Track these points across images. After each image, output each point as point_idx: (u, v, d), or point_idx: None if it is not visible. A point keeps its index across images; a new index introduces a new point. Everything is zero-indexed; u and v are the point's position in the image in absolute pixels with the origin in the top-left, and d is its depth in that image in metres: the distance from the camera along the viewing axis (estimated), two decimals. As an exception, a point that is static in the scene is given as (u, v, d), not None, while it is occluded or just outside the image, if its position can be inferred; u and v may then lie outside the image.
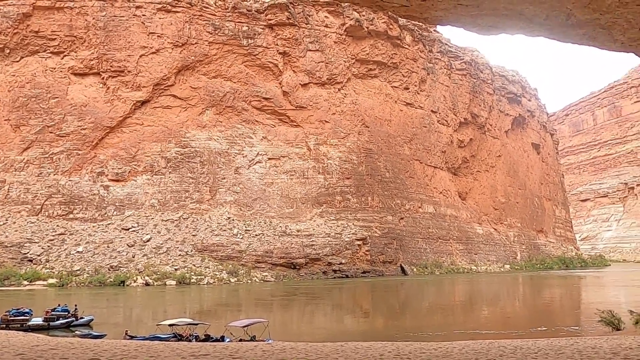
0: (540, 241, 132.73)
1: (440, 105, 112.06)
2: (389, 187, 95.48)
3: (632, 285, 57.59)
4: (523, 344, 14.06)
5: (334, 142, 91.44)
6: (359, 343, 15.42)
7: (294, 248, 76.48)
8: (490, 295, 54.36)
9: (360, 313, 41.10)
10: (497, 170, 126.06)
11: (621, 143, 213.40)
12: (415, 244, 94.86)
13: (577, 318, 27.57)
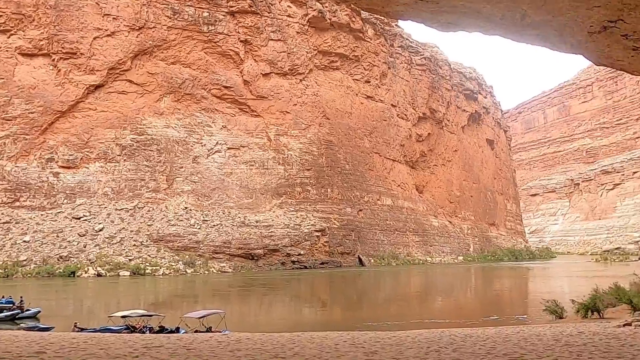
0: (492, 234, 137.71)
1: (400, 99, 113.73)
2: (348, 179, 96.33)
3: (575, 276, 60.72)
4: (473, 332, 14.60)
5: (295, 133, 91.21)
6: (315, 333, 15.56)
7: (253, 239, 76.05)
8: (444, 286, 56.03)
9: (318, 304, 41.48)
10: (453, 165, 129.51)
11: (569, 141, 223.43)
12: (373, 235, 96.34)
13: (525, 307, 28.85)
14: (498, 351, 10.77)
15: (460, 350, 11.01)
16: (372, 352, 10.89)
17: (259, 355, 10.66)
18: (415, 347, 11.53)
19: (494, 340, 12.26)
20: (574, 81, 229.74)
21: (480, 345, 11.70)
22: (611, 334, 12.74)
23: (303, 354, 10.71)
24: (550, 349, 10.82)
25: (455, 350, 11.03)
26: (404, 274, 73.73)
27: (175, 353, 10.68)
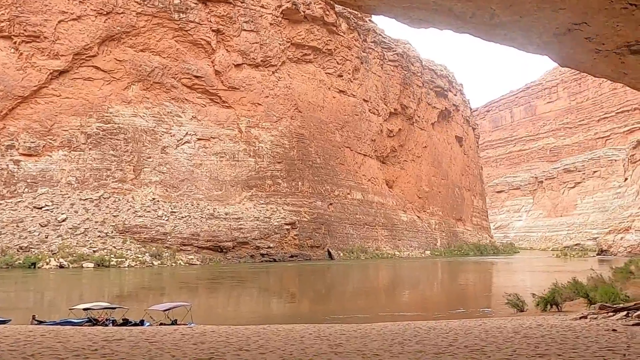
0: (458, 229, 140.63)
1: (372, 94, 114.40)
2: (319, 173, 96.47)
3: (536, 271, 62.67)
4: (437, 325, 14.92)
5: (266, 125, 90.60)
6: (281, 326, 15.56)
7: (222, 231, 75.36)
8: (411, 280, 56.90)
9: (287, 296, 41.44)
10: (422, 161, 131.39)
11: (534, 140, 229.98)
12: (343, 229, 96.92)
13: (489, 300, 29.55)
14: (460, 343, 11.01)
15: (423, 343, 11.22)
16: (337, 345, 10.97)
17: (223, 348, 10.57)
18: (379, 339, 11.68)
19: (456, 333, 12.55)
20: (540, 82, 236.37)
21: (443, 337, 11.95)
22: (568, 327, 13.20)
23: (267, 347, 10.70)
24: (509, 341, 11.14)
25: (419, 343, 11.22)
26: (373, 268, 74.52)
27: (137, 346, 10.49)
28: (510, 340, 11.28)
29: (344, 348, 10.63)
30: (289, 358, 9.61)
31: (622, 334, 11.42)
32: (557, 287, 23.07)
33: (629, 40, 10.50)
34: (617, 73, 13.19)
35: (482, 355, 9.61)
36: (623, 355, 9.21)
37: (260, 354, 10.04)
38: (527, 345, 10.59)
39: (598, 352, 9.59)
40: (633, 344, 10.23)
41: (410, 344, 11.16)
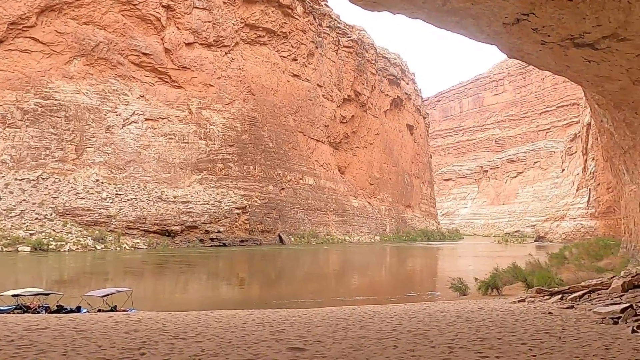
0: (407, 215, 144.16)
1: (326, 80, 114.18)
2: (271, 157, 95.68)
3: (479, 256, 65.22)
4: (382, 309, 15.10)
5: (218, 107, 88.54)
6: (224, 311, 15.23)
7: (170, 215, 73.40)
8: (362, 264, 57.71)
9: (236, 281, 40.92)
10: (374, 148, 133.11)
11: (481, 130, 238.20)
12: (295, 214, 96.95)
13: (436, 284, 30.32)
14: (403, 328, 11.12)
15: (367, 328, 11.25)
16: (279, 331, 10.82)
17: (157, 337, 10.16)
18: (324, 324, 11.66)
19: (401, 317, 12.73)
20: (488, 74, 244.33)
21: (387, 322, 12.05)
22: (507, 310, 13.70)
23: (205, 334, 10.39)
24: (452, 325, 11.38)
25: (363, 328, 11.24)
26: (324, 253, 75.07)
27: (61, 335, 9.82)
28: (453, 324, 11.51)
29: (286, 334, 10.49)
30: (226, 346, 9.32)
31: (557, 317, 11.93)
32: (497, 271, 24.05)
33: (573, 33, 10.82)
34: (560, 66, 13.64)
35: (424, 340, 9.72)
36: (558, 337, 9.55)
37: (196, 342, 9.70)
38: (469, 329, 10.81)
39: (535, 335, 9.90)
40: (567, 326, 10.66)
41: (355, 329, 11.14)
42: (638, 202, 27.23)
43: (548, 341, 9.32)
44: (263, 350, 8.97)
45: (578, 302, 13.38)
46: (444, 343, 9.42)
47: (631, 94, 14.22)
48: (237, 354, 8.68)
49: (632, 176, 26.63)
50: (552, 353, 8.35)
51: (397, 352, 8.75)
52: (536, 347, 8.92)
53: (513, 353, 8.45)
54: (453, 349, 8.88)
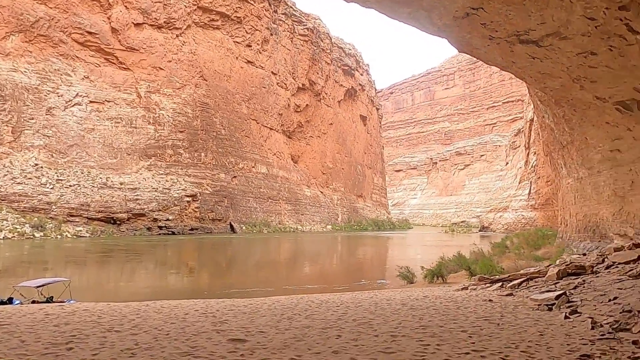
0: (359, 205, 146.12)
1: (280, 67, 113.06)
2: (223, 145, 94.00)
3: (427, 245, 67.08)
4: (330, 298, 15.15)
5: (168, 91, 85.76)
6: (167, 302, 14.76)
7: (116, 202, 70.74)
8: (313, 253, 58.03)
9: (185, 270, 40.02)
10: (328, 137, 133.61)
11: (431, 123, 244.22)
12: (246, 202, 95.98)
13: (385, 273, 30.85)
14: (348, 317, 11.18)
15: (312, 317, 11.24)
16: (222, 322, 10.60)
17: (90, 330, 9.66)
18: (269, 314, 11.56)
19: (347, 306, 12.82)
20: (439, 69, 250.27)
21: (333, 311, 12.11)
22: (450, 298, 14.08)
23: (143, 326, 10.00)
24: (396, 313, 11.58)
25: (308, 317, 11.21)
26: (275, 242, 74.85)
27: None
28: (397, 312, 11.70)
29: (229, 325, 10.29)
30: (163, 338, 8.98)
31: (497, 304, 12.40)
32: (443, 260, 24.81)
33: (519, 30, 11.14)
34: (507, 61, 14.05)
35: (368, 329, 9.82)
36: (497, 324, 9.91)
37: (131, 334, 9.29)
38: (413, 317, 11.02)
39: (476, 322, 10.24)
40: (505, 313, 11.12)
41: (300, 318, 11.09)
42: (573, 194, 28.81)
43: (487, 328, 9.64)
44: (202, 342, 8.75)
45: (517, 290, 14.00)
46: (387, 332, 9.53)
47: (570, 91, 14.88)
48: (174, 346, 8.39)
49: (569, 170, 28.11)
50: (490, 340, 8.61)
51: (340, 341, 8.76)
52: (476, 334, 9.19)
53: (454, 340, 8.66)
54: (396, 337, 9.00)
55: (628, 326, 8.01)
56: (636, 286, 10.48)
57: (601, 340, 7.87)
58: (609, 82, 12.53)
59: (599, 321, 8.83)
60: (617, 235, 23.40)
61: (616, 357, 6.88)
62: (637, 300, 9.28)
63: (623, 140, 18.90)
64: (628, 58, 10.35)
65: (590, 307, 10.02)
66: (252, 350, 8.15)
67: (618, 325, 8.11)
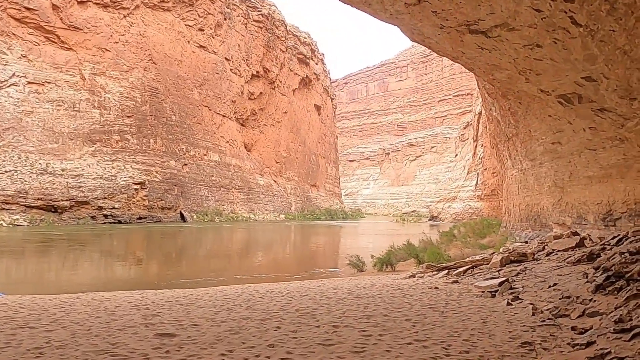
0: (312, 194, 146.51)
1: (234, 53, 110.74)
2: (174, 131, 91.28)
3: (379, 234, 68.12)
4: (276, 287, 14.87)
5: (115, 74, 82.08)
6: (99, 294, 13.99)
7: (57, 189, 67.25)
8: (267, 242, 57.58)
9: (133, 260, 38.57)
10: (282, 126, 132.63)
11: (384, 114, 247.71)
12: (198, 191, 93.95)
13: (337, 261, 30.94)
14: (292, 307, 10.94)
15: (254, 308, 10.92)
16: (154, 314, 10.06)
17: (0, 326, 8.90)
18: (207, 305, 11.13)
19: (292, 295, 12.58)
20: (393, 61, 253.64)
21: (277, 300, 11.85)
22: (397, 286, 14.10)
23: (63, 321, 9.26)
24: (342, 302, 11.44)
25: (249, 308, 10.87)
26: (228, 230, 73.77)
27: None
28: (343, 301, 11.56)
29: (161, 319, 9.71)
30: (82, 334, 8.30)
31: (442, 292, 12.53)
32: (392, 248, 25.13)
33: (469, 19, 11.18)
34: (457, 52, 14.16)
35: (311, 319, 9.63)
36: (441, 312, 9.97)
37: (46, 331, 8.54)
38: (357, 306, 10.91)
39: (420, 310, 10.26)
40: (450, 300, 11.23)
41: (240, 309, 10.69)
42: (517, 185, 29.92)
43: (431, 316, 9.65)
44: (125, 337, 8.11)
45: (462, 277, 14.32)
46: (329, 322, 9.35)
47: (516, 83, 15.23)
48: (91, 343, 7.67)
49: (514, 162, 29.12)
50: (433, 329, 8.61)
51: (279, 333, 8.49)
52: (420, 322, 9.18)
53: (397, 330, 8.58)
54: (338, 327, 8.84)
55: (567, 312, 8.22)
56: (574, 272, 10.82)
57: (541, 326, 7.99)
58: (553, 76, 12.87)
59: (539, 307, 9.03)
60: (556, 224, 24.51)
61: (556, 343, 6.98)
62: (575, 286, 9.53)
63: (564, 133, 19.68)
64: (570, 51, 10.61)
65: (531, 294, 10.27)
66: (180, 346, 7.62)
67: (557, 312, 8.31)
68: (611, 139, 16.71)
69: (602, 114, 14.49)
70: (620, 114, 13.79)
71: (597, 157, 18.95)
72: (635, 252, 8.96)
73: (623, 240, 11.84)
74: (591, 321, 7.54)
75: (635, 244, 9.41)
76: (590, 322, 7.48)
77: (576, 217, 22.43)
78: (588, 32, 9.21)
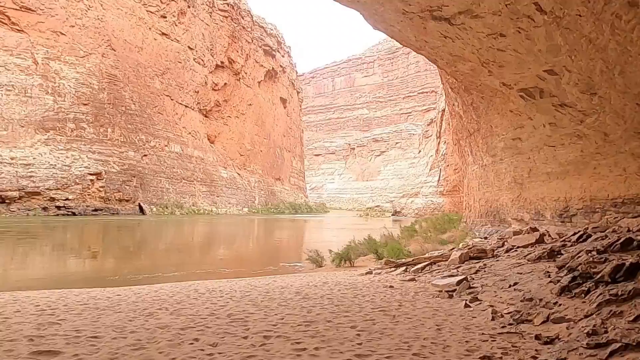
0: (277, 188, 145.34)
1: (198, 43, 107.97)
2: (133, 121, 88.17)
3: (343, 228, 67.87)
4: (221, 285, 13.76)
5: (71, 59, 78.40)
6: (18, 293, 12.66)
7: (5, 178, 63.73)
8: (229, 236, 56.40)
9: (88, 254, 36.74)
10: (246, 118, 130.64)
11: (350, 109, 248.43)
12: (158, 183, 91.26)
13: (300, 256, 30.27)
14: (225, 310, 9.64)
15: (180, 312, 9.52)
16: (55, 322, 8.53)
17: None
18: (127, 309, 9.74)
19: (232, 296, 11.42)
20: (360, 56, 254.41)
21: (211, 303, 10.57)
22: (351, 284, 13.22)
23: None
24: (284, 304, 10.34)
25: (174, 312, 9.41)
26: (189, 224, 71.97)
27: None
28: (286, 303, 10.47)
29: (58, 328, 8.16)
30: None
31: (397, 290, 11.70)
32: (352, 243, 24.69)
33: (432, 5, 10.69)
34: (420, 41, 13.70)
35: (240, 328, 8.35)
36: (393, 316, 9.01)
37: None
38: (301, 309, 9.85)
39: (370, 314, 9.25)
40: (404, 301, 10.33)
41: (162, 315, 9.22)
42: (478, 181, 30.08)
43: (381, 322, 8.65)
44: None
45: (420, 274, 13.86)
46: (261, 331, 8.11)
47: (479, 76, 14.94)
48: None
49: (475, 157, 29.22)
50: (381, 338, 7.55)
51: (193, 348, 7.07)
52: (366, 330, 8.00)
53: (338, 341, 7.42)
54: (269, 338, 7.62)
55: (530, 317, 7.51)
56: (535, 271, 10.25)
57: (502, 334, 7.16)
58: (515, 68, 12.59)
59: (499, 310, 8.38)
60: (514, 220, 24.69)
61: (519, 357, 6.23)
62: (538, 286, 8.89)
63: (524, 129, 19.66)
64: (534, 42, 10.28)
65: (490, 294, 9.70)
66: None
67: (519, 316, 7.61)
68: (570, 135, 16.72)
69: (562, 110, 14.38)
70: (580, 109, 13.69)
71: (555, 153, 19.02)
72: (602, 250, 8.40)
73: (583, 236, 11.60)
74: (557, 328, 6.78)
75: (602, 242, 8.96)
76: (556, 330, 6.73)
77: (534, 213, 22.60)
78: (553, 19, 8.85)
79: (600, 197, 17.95)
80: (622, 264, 7.37)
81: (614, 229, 10.20)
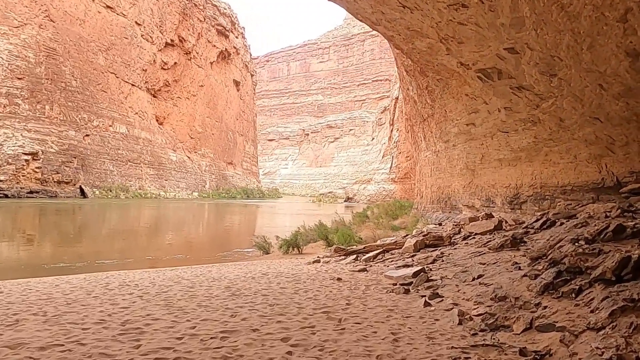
0: (228, 172, 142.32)
1: (146, 18, 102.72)
2: (74, 98, 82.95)
3: (296, 214, 67.04)
4: (142, 277, 12.06)
5: (3, 29, 72.44)
6: None
7: None
8: (178, 221, 54.22)
9: (22, 240, 33.85)
10: (197, 100, 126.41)
11: (305, 95, 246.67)
12: (101, 165, 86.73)
13: (252, 243, 29.00)
14: (123, 315, 7.50)
15: (63, 318, 7.34)
16: None
17: None
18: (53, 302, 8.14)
19: (146, 292, 9.73)
20: (315, 42, 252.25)
21: (112, 303, 8.60)
22: (295, 275, 11.86)
23: None
24: (206, 305, 8.45)
25: (52, 319, 7.18)
26: (135, 208, 68.84)
27: None
28: (209, 303, 8.51)
29: None
30: None
31: (346, 284, 10.40)
32: (300, 230, 23.78)
33: (390, -31, 9.72)
34: (377, 13, 12.74)
35: (127, 344, 6.14)
36: (338, 321, 7.26)
37: None
38: (224, 311, 7.91)
39: (310, 319, 7.41)
40: (354, 298, 8.83)
41: (28, 324, 7.00)
42: (430, 167, 29.85)
43: (323, 330, 6.78)
44: None
45: (371, 264, 13.00)
46: (154, 350, 5.80)
47: (437, 54, 14.21)
48: None
49: (428, 143, 28.92)
50: (318, 358, 5.58)
51: None
52: (301, 344, 6.07)
53: None
54: None
55: (507, 321, 6.02)
56: (500, 261, 9.25)
57: (476, 347, 5.48)
58: (475, 45, 11.89)
59: (466, 311, 7.03)
60: (465, 207, 24.56)
61: None
62: (509, 281, 7.56)
63: (478, 114, 19.28)
64: (497, 14, 9.54)
65: (452, 288, 8.60)
66: None
67: (494, 321, 6.13)
68: (524, 120, 16.41)
69: (519, 93, 13.92)
70: (537, 92, 13.25)
71: (508, 139, 18.77)
72: (590, 239, 6.95)
73: (547, 223, 11.00)
74: (546, 339, 5.38)
75: (584, 229, 7.94)
76: (545, 341, 5.33)
77: (485, 200, 22.49)
78: (521, -16, 8.09)
79: (550, 184, 17.85)
80: (628, 257, 5.87)
81: (590, 214, 9.35)
